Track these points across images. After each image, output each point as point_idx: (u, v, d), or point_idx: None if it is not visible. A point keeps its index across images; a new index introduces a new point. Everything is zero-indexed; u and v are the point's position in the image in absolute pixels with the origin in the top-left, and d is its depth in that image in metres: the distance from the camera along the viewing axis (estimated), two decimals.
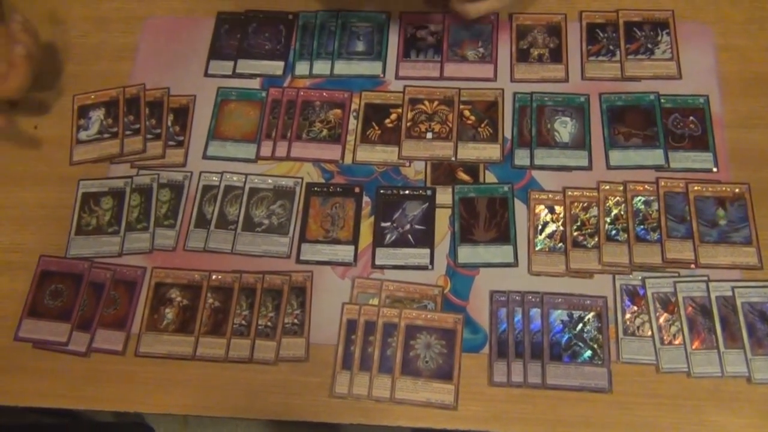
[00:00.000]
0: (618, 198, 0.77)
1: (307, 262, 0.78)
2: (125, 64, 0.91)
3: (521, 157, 0.81)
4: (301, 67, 0.88)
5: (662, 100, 0.82)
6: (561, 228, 0.77)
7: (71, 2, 0.95)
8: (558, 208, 0.78)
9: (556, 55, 0.86)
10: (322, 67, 0.88)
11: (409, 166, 0.82)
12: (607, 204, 0.77)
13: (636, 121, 0.81)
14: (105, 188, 0.83)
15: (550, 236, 0.77)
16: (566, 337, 0.72)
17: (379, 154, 0.83)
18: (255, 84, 0.88)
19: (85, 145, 0.86)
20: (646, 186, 0.77)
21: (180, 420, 1.62)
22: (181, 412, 0.73)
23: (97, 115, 0.87)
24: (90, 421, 1.36)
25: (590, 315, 0.72)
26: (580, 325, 0.72)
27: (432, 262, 0.77)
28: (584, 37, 0.86)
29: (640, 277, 0.74)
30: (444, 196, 0.80)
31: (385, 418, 0.71)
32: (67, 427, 1.27)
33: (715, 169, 0.78)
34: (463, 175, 0.81)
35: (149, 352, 0.75)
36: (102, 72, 0.90)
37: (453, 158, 0.81)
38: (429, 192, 0.80)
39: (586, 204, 0.77)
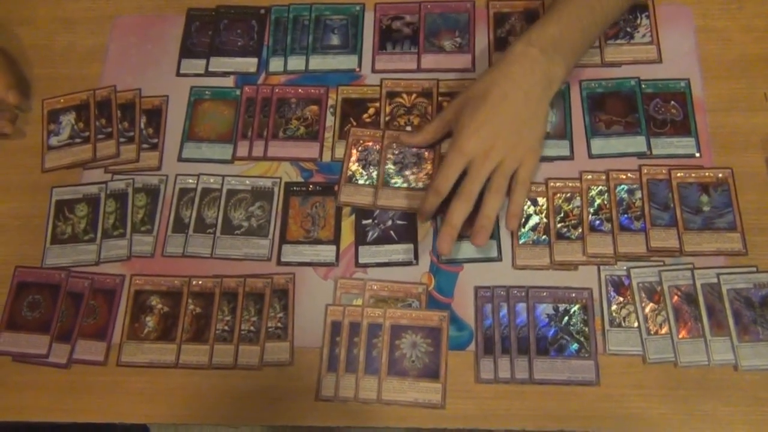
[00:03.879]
0: (601, 187, 0.76)
1: (288, 264, 0.77)
2: (94, 65, 0.88)
3: None
4: (275, 64, 0.86)
5: (643, 86, 0.81)
6: (544, 220, 0.76)
7: (36, 3, 0.93)
8: (541, 200, 0.77)
9: None
10: (296, 62, 0.86)
11: None
12: (590, 194, 0.76)
13: (617, 107, 0.80)
14: (79, 195, 0.81)
15: (534, 229, 0.76)
16: (552, 330, 0.71)
17: None
18: (229, 82, 0.86)
19: (57, 151, 0.84)
20: (628, 174, 0.77)
21: None
22: (166, 422, 0.72)
23: (68, 119, 0.85)
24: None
25: (576, 307, 0.72)
26: (566, 318, 0.72)
27: (416, 257, 0.76)
28: None
29: (625, 267, 0.73)
30: None
31: (372, 419, 0.70)
32: (60, 426, 1.26)
33: (697, 154, 0.77)
34: None
35: (131, 361, 0.74)
36: (71, 75, 0.88)
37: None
38: None
39: (569, 195, 0.76)
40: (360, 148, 0.80)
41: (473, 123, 0.70)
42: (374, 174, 0.79)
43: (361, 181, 0.79)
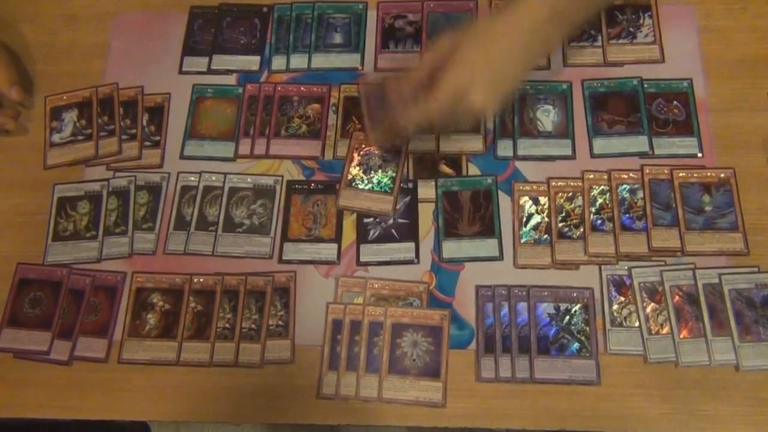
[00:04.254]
0: (603, 187, 0.76)
1: (289, 262, 0.77)
2: (97, 62, 0.88)
3: (504, 148, 0.79)
4: (278, 62, 0.86)
5: (645, 85, 0.80)
6: (546, 219, 0.76)
7: (39, 0, 0.93)
8: (542, 199, 0.77)
9: None
10: (299, 60, 0.86)
11: None
12: (592, 193, 0.76)
13: (619, 107, 0.80)
14: (81, 192, 0.82)
15: (535, 228, 0.76)
16: (553, 330, 0.71)
17: None
18: (231, 80, 0.86)
19: (59, 147, 0.84)
20: (630, 174, 0.76)
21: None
22: (166, 419, 0.72)
23: (70, 116, 0.85)
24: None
25: (577, 307, 0.72)
26: (567, 318, 0.72)
27: (418, 255, 0.76)
28: None
29: (626, 267, 0.73)
30: (427, 190, 0.78)
31: (373, 418, 0.70)
32: (60, 424, 1.26)
33: (699, 154, 0.77)
34: (445, 168, 0.79)
35: (132, 358, 0.74)
36: (73, 72, 0.88)
37: (435, 150, 0.80)
38: (411, 185, 0.79)
39: (570, 194, 0.76)
40: (362, 153, 0.80)
41: (474, 61, 0.64)
42: (375, 179, 0.79)
43: (361, 186, 0.78)
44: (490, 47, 0.65)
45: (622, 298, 0.72)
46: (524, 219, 0.76)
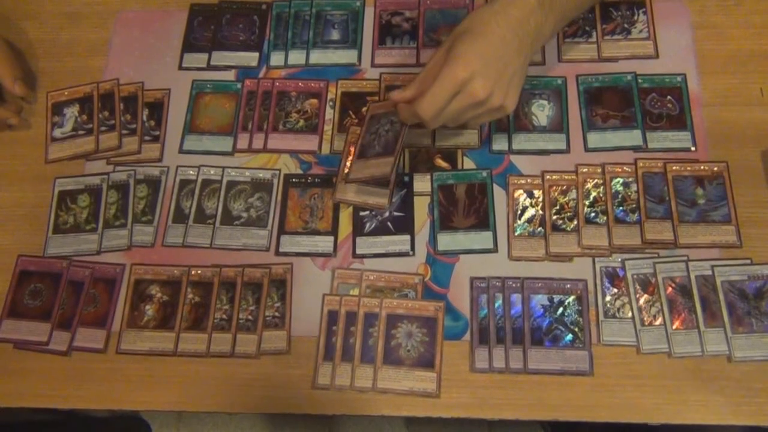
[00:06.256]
0: (597, 180, 0.77)
1: (286, 254, 0.77)
2: (98, 59, 0.90)
3: (499, 142, 0.80)
4: (276, 58, 0.87)
5: (639, 80, 0.81)
6: (540, 212, 0.76)
7: None
8: (537, 193, 0.77)
9: None
10: (297, 56, 0.87)
11: None
12: (586, 187, 0.77)
13: (613, 102, 0.81)
14: (81, 186, 0.83)
15: (530, 221, 0.76)
16: (547, 321, 0.72)
17: None
18: (230, 76, 0.87)
19: (60, 142, 0.85)
20: (624, 167, 0.77)
21: (174, 414, 1.61)
22: (164, 409, 0.73)
23: (72, 111, 0.86)
24: (84, 416, 1.36)
25: (571, 298, 0.72)
26: (561, 309, 0.72)
27: (413, 248, 0.76)
28: None
29: (619, 259, 0.74)
30: (422, 183, 0.79)
31: (368, 408, 0.71)
32: (62, 424, 1.26)
33: (693, 148, 0.78)
34: (441, 162, 0.80)
35: (130, 349, 0.75)
36: (75, 68, 0.89)
37: (431, 145, 0.81)
38: (407, 178, 0.79)
39: (564, 187, 0.77)
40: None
41: (470, 54, 0.65)
42: None
43: None
44: (482, 38, 0.65)
45: (616, 290, 0.73)
46: (519, 212, 0.77)
